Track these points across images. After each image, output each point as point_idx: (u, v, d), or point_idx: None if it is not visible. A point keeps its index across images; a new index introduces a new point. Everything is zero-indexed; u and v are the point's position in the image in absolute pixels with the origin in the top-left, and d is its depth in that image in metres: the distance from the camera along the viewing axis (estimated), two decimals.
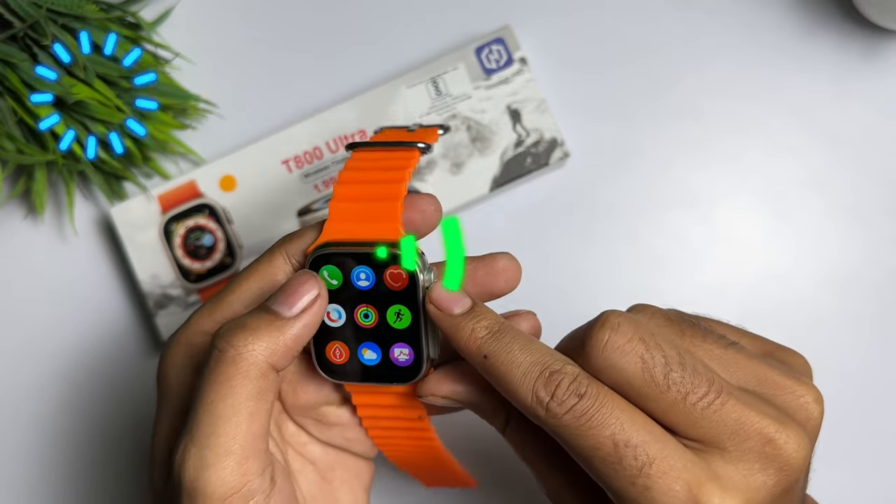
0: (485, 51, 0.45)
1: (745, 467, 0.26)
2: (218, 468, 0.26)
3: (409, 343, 0.29)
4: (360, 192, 0.29)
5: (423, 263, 0.28)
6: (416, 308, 0.29)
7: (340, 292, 0.29)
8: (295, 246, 0.29)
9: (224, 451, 0.26)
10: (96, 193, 0.46)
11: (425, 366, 0.29)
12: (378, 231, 0.28)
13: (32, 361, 0.46)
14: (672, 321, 0.29)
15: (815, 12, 0.47)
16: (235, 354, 0.26)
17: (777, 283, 0.46)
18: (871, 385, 0.45)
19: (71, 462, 0.45)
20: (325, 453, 0.33)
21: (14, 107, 0.40)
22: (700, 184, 0.46)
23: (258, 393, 0.26)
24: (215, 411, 0.26)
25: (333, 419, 0.32)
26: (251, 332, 0.27)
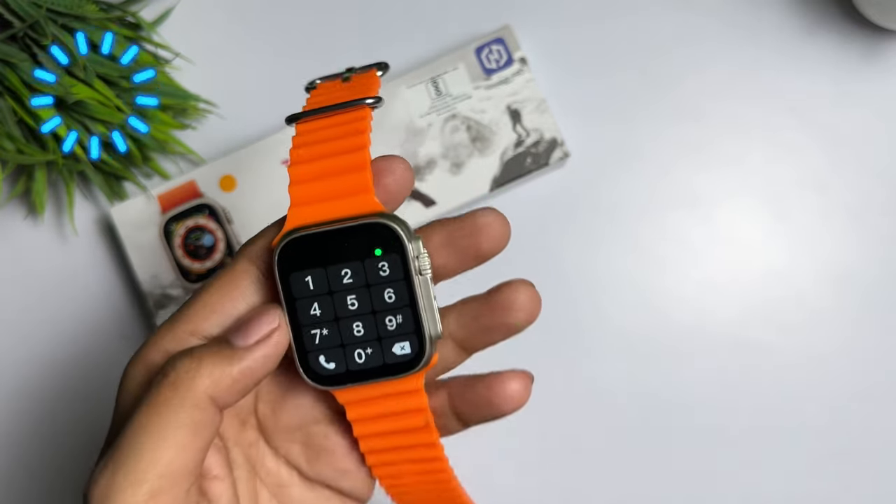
0: (485, 51, 0.45)
1: None
2: (128, 494, 0.23)
3: (407, 327, 0.25)
4: (320, 169, 0.25)
5: (408, 233, 0.25)
6: (408, 283, 0.25)
7: (319, 283, 0.25)
8: (256, 246, 0.26)
9: (138, 479, 0.23)
10: (96, 193, 0.46)
11: (429, 348, 0.25)
12: (351, 206, 0.25)
13: (32, 361, 0.46)
14: None
15: (815, 13, 0.47)
16: (175, 380, 0.24)
17: (777, 283, 0.46)
18: (870, 384, 0.45)
19: (71, 462, 0.45)
20: (304, 498, 0.29)
21: (14, 107, 0.40)
22: (700, 184, 0.46)
23: (192, 425, 0.24)
24: (140, 435, 0.23)
25: (322, 442, 0.28)
26: (196, 360, 0.24)
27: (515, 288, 0.27)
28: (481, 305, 0.27)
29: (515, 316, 0.27)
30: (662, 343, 0.45)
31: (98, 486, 0.23)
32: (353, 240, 0.25)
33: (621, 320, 0.45)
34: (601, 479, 0.45)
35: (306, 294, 0.25)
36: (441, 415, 0.29)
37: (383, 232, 0.25)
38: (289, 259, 0.25)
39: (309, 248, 0.25)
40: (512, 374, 0.28)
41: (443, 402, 0.29)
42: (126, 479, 0.23)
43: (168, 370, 0.24)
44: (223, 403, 0.24)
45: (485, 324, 0.27)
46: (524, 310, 0.27)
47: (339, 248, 0.25)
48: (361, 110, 0.26)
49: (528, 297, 0.27)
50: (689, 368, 0.45)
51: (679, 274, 0.46)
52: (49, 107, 0.40)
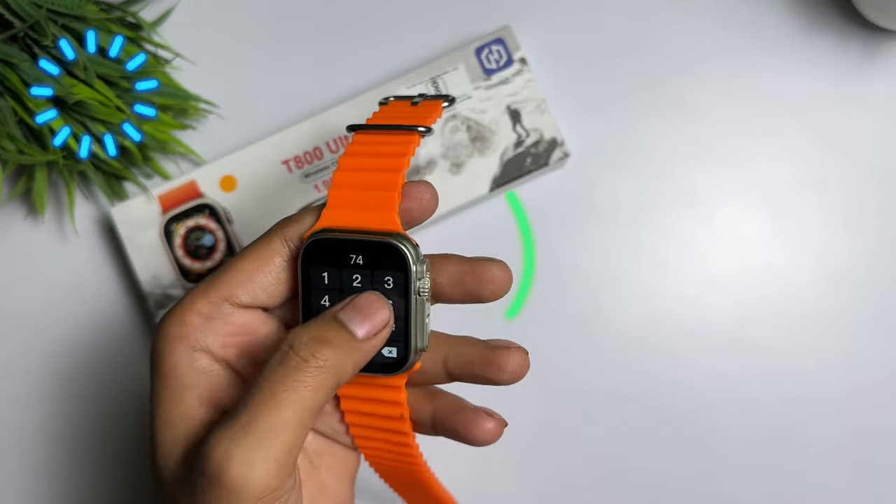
0: (485, 51, 0.45)
1: None
2: (263, 471, 0.26)
3: (397, 335, 0.29)
4: (359, 180, 0.29)
5: (416, 255, 0.28)
6: (406, 299, 0.29)
7: (333, 280, 0.29)
8: (293, 230, 0.29)
9: (274, 456, 0.26)
10: (97, 193, 0.46)
11: (412, 357, 0.29)
12: (374, 220, 0.28)
13: (32, 361, 0.46)
14: None
15: (815, 13, 0.47)
16: (315, 367, 0.27)
17: (776, 282, 0.46)
18: (870, 384, 0.45)
19: (71, 462, 0.45)
20: (314, 439, 0.33)
21: (14, 107, 0.40)
22: (700, 184, 0.46)
23: (319, 408, 0.27)
24: (278, 417, 0.26)
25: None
26: (333, 350, 0.27)
27: (511, 353, 0.30)
28: (479, 355, 0.31)
29: (503, 377, 0.30)
30: (662, 342, 0.45)
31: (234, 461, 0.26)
32: (368, 251, 0.28)
33: (621, 319, 0.45)
34: (600, 477, 0.45)
35: (321, 287, 0.29)
36: (420, 421, 0.33)
37: (394, 251, 0.28)
38: (312, 253, 0.29)
39: (331, 249, 0.29)
40: (488, 416, 0.31)
41: (426, 413, 0.33)
42: (264, 457, 0.26)
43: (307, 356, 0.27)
44: (344, 383, 0.28)
45: (475, 372, 0.31)
46: (512, 374, 0.30)
47: (355, 255, 0.29)
48: (411, 136, 0.29)
49: (519, 363, 0.30)
50: (689, 367, 0.45)
51: (679, 273, 0.46)
52: (47, 98, 0.40)
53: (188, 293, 0.30)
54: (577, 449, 0.45)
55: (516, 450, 0.45)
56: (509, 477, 0.45)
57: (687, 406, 0.45)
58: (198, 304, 0.29)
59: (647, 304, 0.45)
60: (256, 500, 0.26)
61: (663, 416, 0.45)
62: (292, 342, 0.27)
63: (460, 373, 0.31)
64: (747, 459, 0.45)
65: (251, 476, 0.25)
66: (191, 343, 0.29)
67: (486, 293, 0.30)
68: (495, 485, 0.45)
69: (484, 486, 0.45)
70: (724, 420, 0.45)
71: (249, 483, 0.25)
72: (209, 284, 0.29)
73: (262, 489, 0.26)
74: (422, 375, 0.32)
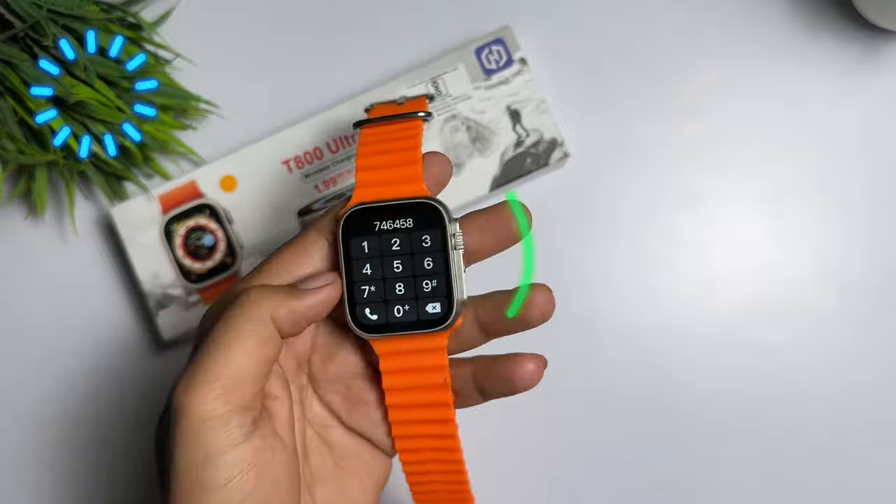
0: (485, 51, 0.45)
1: None
2: (203, 392, 0.28)
3: (439, 290, 0.30)
4: (381, 162, 0.31)
5: (448, 215, 0.30)
6: (445, 254, 0.30)
7: (373, 248, 0.30)
8: (326, 220, 0.31)
9: (211, 377, 0.28)
10: (97, 193, 0.46)
11: (455, 308, 0.30)
12: (404, 191, 0.30)
13: (33, 361, 0.46)
14: None
15: (815, 12, 0.47)
16: (246, 299, 0.29)
17: (776, 282, 0.46)
18: (870, 383, 0.45)
19: (71, 462, 0.45)
20: (343, 441, 0.34)
21: (15, 107, 0.40)
22: (700, 183, 0.46)
23: (255, 337, 0.28)
24: (213, 342, 0.28)
25: (360, 394, 0.33)
26: (268, 288, 0.29)
27: (535, 290, 0.32)
28: (506, 297, 0.32)
29: (532, 314, 0.31)
30: (662, 342, 0.45)
31: (179, 388, 0.28)
32: (404, 214, 0.30)
33: (621, 319, 0.45)
34: (600, 477, 0.45)
35: (361, 256, 0.31)
36: (464, 386, 0.33)
37: (429, 210, 0.30)
38: (351, 226, 0.31)
39: (368, 218, 0.31)
40: (529, 357, 0.32)
41: (466, 376, 0.33)
42: (203, 378, 0.28)
43: (242, 295, 0.29)
44: (280, 327, 0.29)
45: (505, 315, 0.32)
46: (540, 309, 0.32)
47: (393, 220, 0.30)
48: (415, 121, 0.32)
49: (545, 299, 0.32)
50: (690, 366, 0.45)
51: (679, 273, 0.46)
52: (47, 98, 0.40)
53: (235, 283, 0.31)
54: (577, 449, 0.45)
55: (516, 450, 0.45)
56: (509, 477, 0.45)
57: (688, 405, 0.45)
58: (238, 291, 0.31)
59: (648, 303, 0.45)
60: (201, 422, 0.27)
61: (664, 416, 0.45)
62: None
63: (493, 322, 0.32)
64: (748, 457, 0.45)
65: (192, 398, 0.28)
66: None
67: (513, 228, 0.31)
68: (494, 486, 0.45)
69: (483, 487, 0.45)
70: (725, 418, 0.45)
71: (190, 407, 0.28)
72: (251, 277, 0.31)
73: (205, 410, 0.27)
74: (458, 341, 0.33)
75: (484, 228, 0.31)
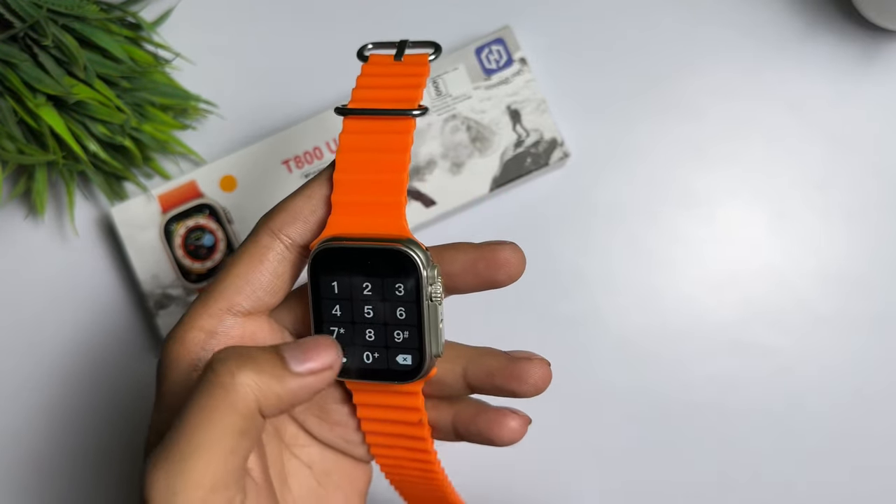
0: (485, 51, 0.45)
1: None
2: (185, 497, 0.24)
3: (411, 343, 0.28)
4: (362, 183, 0.28)
5: (426, 260, 0.28)
6: (419, 305, 0.28)
7: (343, 289, 0.28)
8: (277, 221, 0.28)
9: (194, 483, 0.24)
10: (96, 193, 0.46)
11: (427, 363, 0.29)
12: (383, 226, 0.28)
13: (33, 361, 0.46)
14: None
15: (815, 12, 0.47)
16: (229, 383, 0.25)
17: (776, 282, 0.46)
18: (870, 383, 0.45)
19: (71, 461, 0.45)
20: (322, 456, 0.32)
21: (14, 107, 0.40)
22: (700, 183, 0.46)
23: (241, 430, 0.25)
24: (194, 438, 0.24)
25: (336, 418, 0.32)
26: (252, 367, 0.25)
27: (534, 364, 0.30)
28: (500, 367, 0.30)
29: (524, 389, 0.30)
30: (662, 343, 0.45)
31: (157, 488, 0.24)
32: (377, 258, 0.28)
33: (621, 320, 0.45)
34: (599, 478, 0.45)
35: (330, 296, 0.28)
36: (440, 428, 0.32)
37: (404, 258, 0.27)
38: (321, 263, 0.28)
39: (339, 257, 0.28)
40: (511, 414, 0.31)
41: (446, 419, 0.32)
42: (183, 482, 0.24)
43: (220, 370, 0.25)
44: (268, 415, 0.26)
45: (496, 384, 0.30)
46: (534, 386, 0.30)
47: (365, 263, 0.28)
48: (407, 122, 0.28)
49: (542, 375, 0.30)
50: (689, 368, 0.45)
51: (679, 273, 0.46)
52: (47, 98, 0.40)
53: (190, 307, 0.29)
54: (577, 449, 0.45)
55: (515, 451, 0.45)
56: (507, 480, 0.45)
57: (687, 407, 0.45)
58: (199, 321, 0.28)
59: (647, 304, 0.45)
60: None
61: (663, 417, 0.45)
62: (213, 358, 0.25)
63: (480, 384, 0.30)
64: (748, 460, 0.45)
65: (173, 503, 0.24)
66: (192, 363, 0.28)
67: (500, 277, 0.29)
68: (493, 488, 0.45)
69: (482, 488, 0.45)
70: (725, 421, 0.45)
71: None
72: (208, 297, 0.28)
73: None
74: (441, 387, 0.31)
75: (470, 269, 0.29)
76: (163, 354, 0.29)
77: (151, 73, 0.43)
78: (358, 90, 0.29)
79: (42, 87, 0.39)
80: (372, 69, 0.29)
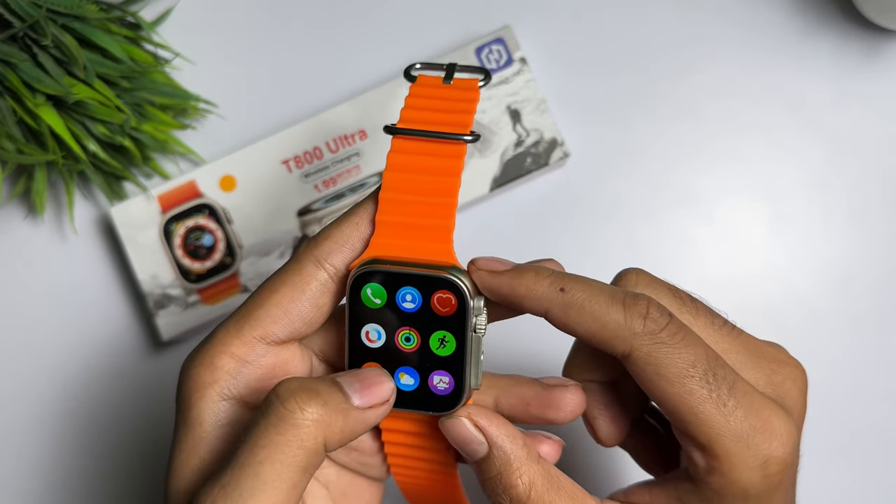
0: (485, 51, 0.45)
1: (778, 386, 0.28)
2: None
3: (451, 371, 0.27)
4: (409, 205, 0.27)
5: (473, 289, 0.27)
6: (462, 335, 0.27)
7: (383, 312, 0.27)
8: (324, 249, 0.27)
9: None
10: (96, 193, 0.46)
11: (465, 395, 0.28)
12: (429, 251, 0.27)
13: (32, 361, 0.46)
14: (671, 290, 0.29)
15: (815, 12, 0.47)
16: (300, 420, 0.24)
17: (777, 282, 0.46)
18: (869, 383, 0.45)
19: (71, 461, 0.45)
20: (339, 477, 0.32)
21: (14, 107, 0.40)
22: (700, 183, 0.46)
23: (306, 467, 0.25)
24: (260, 474, 0.24)
25: (353, 444, 0.31)
26: (319, 402, 0.25)
27: (569, 392, 0.29)
28: (534, 395, 0.29)
29: (560, 416, 0.29)
30: None
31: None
32: (423, 285, 0.27)
33: None
34: (598, 480, 0.45)
35: (370, 319, 0.27)
36: None
37: (451, 287, 0.26)
38: (362, 283, 0.27)
39: (380, 278, 0.27)
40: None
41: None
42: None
43: (291, 406, 0.24)
44: (331, 450, 0.25)
45: (532, 413, 0.29)
46: (572, 412, 0.29)
47: (408, 287, 0.27)
48: (458, 147, 0.27)
49: (579, 402, 0.29)
50: None
51: (679, 274, 0.46)
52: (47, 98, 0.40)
53: (218, 331, 0.27)
54: (575, 451, 0.45)
55: None
56: None
57: None
58: (231, 347, 0.27)
59: None
60: None
61: None
62: (279, 391, 0.25)
63: (514, 414, 0.30)
64: None
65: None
66: (221, 391, 0.27)
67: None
68: None
69: None
70: None
71: None
72: (241, 322, 0.27)
73: None
74: None
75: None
76: (187, 377, 0.27)
77: (151, 72, 0.43)
78: (407, 110, 0.28)
79: (42, 86, 0.39)
80: (421, 90, 0.28)
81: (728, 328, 0.29)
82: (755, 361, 0.28)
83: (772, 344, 0.30)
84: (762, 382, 0.28)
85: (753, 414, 0.26)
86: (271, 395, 0.25)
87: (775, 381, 0.28)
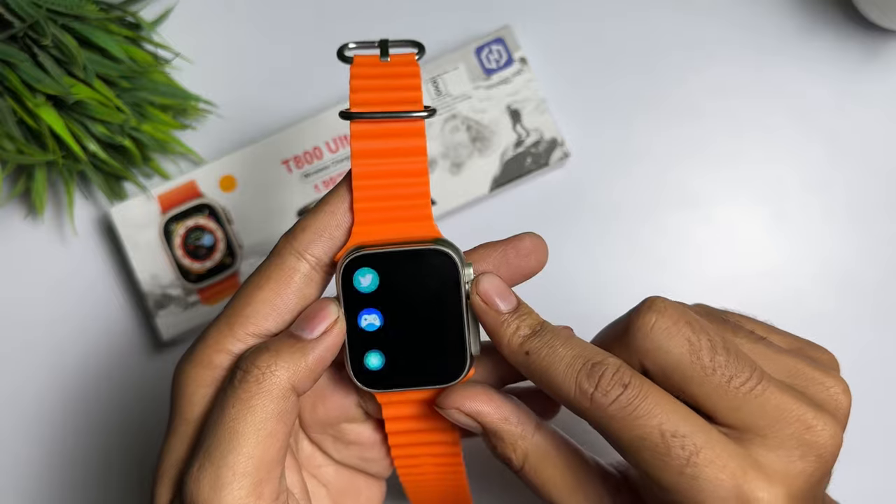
0: (485, 51, 0.45)
1: (786, 454, 0.26)
2: (234, 488, 0.25)
3: (451, 341, 0.28)
4: (383, 189, 0.27)
5: (461, 259, 0.27)
6: (458, 305, 0.27)
7: (376, 295, 0.27)
8: (302, 240, 0.28)
9: (241, 470, 0.25)
10: (96, 193, 0.46)
11: (468, 363, 0.28)
12: (412, 230, 0.27)
13: (32, 361, 0.46)
14: (706, 313, 0.29)
15: (815, 12, 0.47)
16: (259, 374, 0.26)
17: (777, 282, 0.46)
18: (869, 383, 0.45)
19: (71, 462, 0.45)
20: (338, 475, 0.32)
21: (14, 107, 0.40)
22: (700, 183, 0.46)
23: (279, 414, 0.26)
24: (234, 429, 0.25)
25: (352, 437, 0.31)
26: (274, 354, 0.26)
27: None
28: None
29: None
30: None
31: (203, 485, 0.25)
32: (411, 262, 0.27)
33: None
34: None
35: (364, 304, 0.27)
36: None
37: (441, 258, 0.27)
38: (351, 271, 0.27)
39: (370, 263, 0.27)
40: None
41: None
42: (231, 472, 0.25)
43: (247, 366, 0.26)
44: (301, 390, 0.27)
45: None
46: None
47: (398, 267, 0.27)
48: (418, 124, 0.27)
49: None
50: None
51: (679, 274, 0.46)
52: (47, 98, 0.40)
53: (210, 331, 0.28)
54: None
55: None
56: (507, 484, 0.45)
57: None
58: (226, 344, 0.28)
59: None
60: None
61: None
62: (238, 362, 0.26)
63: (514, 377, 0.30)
64: None
65: (223, 498, 0.25)
66: (219, 386, 0.28)
67: (531, 264, 0.29)
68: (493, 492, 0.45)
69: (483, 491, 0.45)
70: None
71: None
72: (233, 320, 0.28)
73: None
74: None
75: (502, 264, 0.29)
76: (185, 377, 0.28)
77: (151, 72, 0.43)
78: (356, 93, 0.28)
79: (41, 86, 0.39)
80: (362, 71, 0.28)
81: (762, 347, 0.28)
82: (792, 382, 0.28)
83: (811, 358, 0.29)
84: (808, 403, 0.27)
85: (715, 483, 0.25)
86: (233, 366, 0.27)
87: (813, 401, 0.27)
